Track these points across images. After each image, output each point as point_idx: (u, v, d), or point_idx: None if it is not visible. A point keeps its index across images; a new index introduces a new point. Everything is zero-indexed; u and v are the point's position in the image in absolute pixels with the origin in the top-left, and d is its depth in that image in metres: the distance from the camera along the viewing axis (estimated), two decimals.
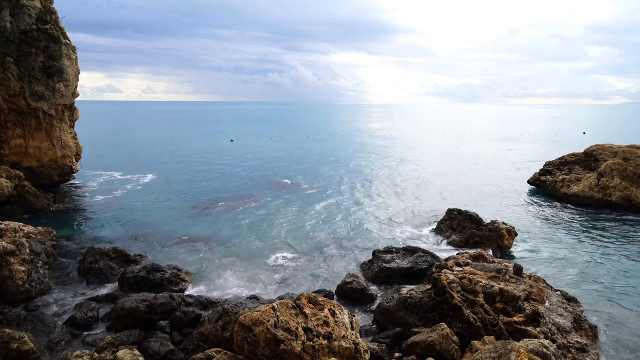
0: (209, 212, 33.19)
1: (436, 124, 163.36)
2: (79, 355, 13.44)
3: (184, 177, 47.18)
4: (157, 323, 16.34)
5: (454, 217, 27.60)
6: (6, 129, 34.69)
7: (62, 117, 37.62)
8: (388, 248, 23.66)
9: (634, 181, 34.00)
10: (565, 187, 37.24)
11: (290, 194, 39.69)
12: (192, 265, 22.63)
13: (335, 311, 12.70)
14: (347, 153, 70.47)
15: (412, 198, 38.54)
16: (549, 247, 25.93)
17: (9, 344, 13.65)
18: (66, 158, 38.21)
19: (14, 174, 33.06)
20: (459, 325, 14.63)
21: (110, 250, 22.53)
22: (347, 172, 51.77)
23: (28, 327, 16.39)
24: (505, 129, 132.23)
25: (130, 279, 19.96)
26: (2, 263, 18.58)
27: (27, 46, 33.98)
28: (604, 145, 40.68)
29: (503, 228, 25.45)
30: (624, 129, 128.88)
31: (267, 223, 30.31)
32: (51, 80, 35.25)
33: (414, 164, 58.88)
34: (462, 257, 19.21)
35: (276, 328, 11.51)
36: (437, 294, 15.79)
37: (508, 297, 15.27)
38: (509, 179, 47.48)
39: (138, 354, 13.12)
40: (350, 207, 34.93)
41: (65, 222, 29.73)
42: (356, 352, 11.89)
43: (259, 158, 63.60)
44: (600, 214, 32.74)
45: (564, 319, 15.31)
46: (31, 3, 34.90)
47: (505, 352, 11.34)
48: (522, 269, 17.80)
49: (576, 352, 13.82)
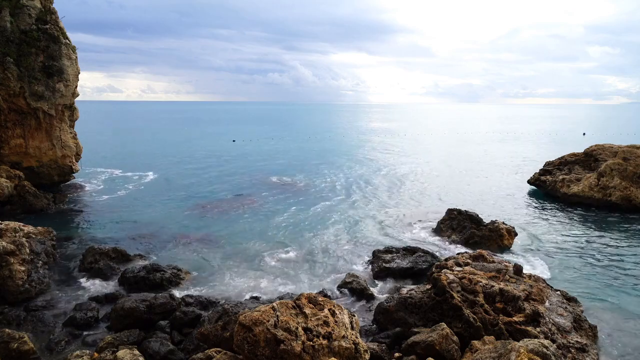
0: (210, 212, 33.20)
1: (436, 124, 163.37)
2: (79, 355, 13.44)
3: (184, 177, 47.18)
4: (157, 323, 16.34)
5: (454, 217, 27.60)
6: (6, 129, 34.68)
7: (62, 117, 37.62)
8: (388, 248, 23.68)
9: (634, 181, 33.99)
10: (565, 187, 37.23)
11: (290, 194, 39.69)
12: (192, 265, 22.63)
13: (335, 311, 12.70)
14: (347, 153, 70.47)
15: (412, 198, 38.54)
16: (549, 247, 25.93)
17: (9, 344, 13.65)
18: (66, 158, 38.21)
19: (14, 174, 33.05)
20: (459, 325, 14.63)
21: (110, 250, 22.54)
22: (348, 172, 51.78)
23: (28, 327, 16.38)
24: (505, 129, 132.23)
25: (130, 279, 19.98)
26: (2, 263, 18.58)
27: (27, 46, 33.98)
28: (604, 145, 40.68)
29: (503, 228, 25.46)
30: (624, 129, 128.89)
31: (268, 223, 30.31)
32: (51, 80, 35.25)
33: (414, 163, 58.86)
34: (462, 257, 19.22)
35: (276, 328, 11.51)
36: (437, 294, 15.79)
37: (508, 297, 15.27)
38: (509, 179, 47.48)
39: (138, 354, 13.12)
40: (350, 207, 34.93)
41: (65, 222, 29.73)
42: (356, 352, 11.89)
43: (259, 158, 63.60)
44: (600, 214, 32.74)
45: (564, 319, 15.31)
46: (31, 3, 34.89)
47: (505, 352, 11.34)
48: (522, 269, 17.80)
49: (576, 352, 13.82)
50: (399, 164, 58.88)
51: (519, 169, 53.84)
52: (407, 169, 53.99)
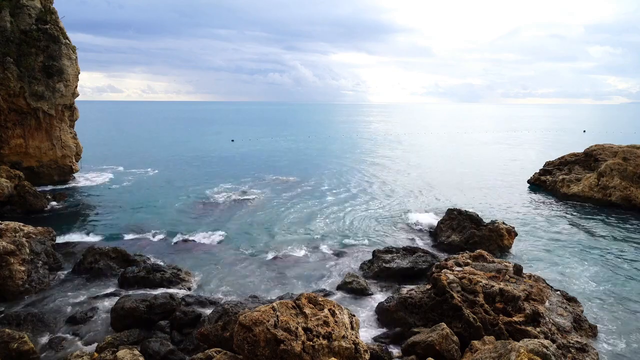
0: (210, 211, 33.20)
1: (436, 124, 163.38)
2: (79, 355, 13.45)
3: (184, 177, 47.17)
4: (157, 323, 16.33)
5: (454, 217, 27.58)
6: (6, 129, 34.69)
7: (62, 117, 37.63)
8: (388, 248, 23.66)
9: (634, 181, 33.99)
10: (565, 187, 37.23)
11: (290, 194, 39.69)
12: (192, 265, 22.62)
13: (335, 311, 12.70)
14: (347, 153, 70.47)
15: (412, 198, 38.54)
16: (549, 247, 25.92)
17: (9, 344, 13.65)
18: (66, 158, 38.22)
19: (14, 174, 33.05)
20: (459, 325, 14.63)
21: (110, 250, 22.52)
22: (348, 172, 51.78)
23: (28, 327, 16.37)
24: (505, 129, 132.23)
25: (130, 279, 19.97)
26: (2, 263, 18.58)
27: (27, 46, 33.98)
28: (604, 145, 40.69)
29: (503, 228, 25.44)
30: (624, 129, 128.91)
31: (267, 223, 30.32)
32: (51, 80, 35.26)
33: (414, 163, 58.87)
34: (462, 257, 19.21)
35: (276, 328, 11.51)
36: (437, 294, 15.79)
37: (508, 297, 15.26)
38: (509, 179, 47.47)
39: (138, 354, 13.12)
40: (350, 207, 34.92)
41: (65, 222, 29.72)
42: (356, 352, 11.89)
43: (259, 158, 63.59)
44: (600, 214, 32.73)
45: (564, 319, 15.30)
46: (31, 3, 34.90)
47: (505, 352, 11.34)
48: (522, 269, 17.80)
49: (576, 352, 13.81)
50: (399, 163, 58.87)
51: (519, 169, 53.82)
52: (407, 169, 54.00)
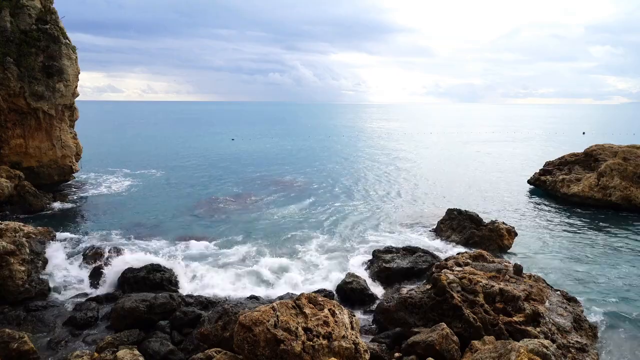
0: (210, 211, 33.19)
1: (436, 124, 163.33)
2: (79, 355, 13.44)
3: (184, 177, 47.15)
4: (157, 323, 16.33)
5: (454, 217, 27.58)
6: (6, 129, 34.67)
7: (62, 117, 37.61)
8: (388, 248, 23.65)
9: (634, 181, 33.98)
10: (565, 187, 37.22)
11: (290, 193, 39.68)
12: (192, 265, 22.61)
13: (335, 311, 12.70)
14: (347, 153, 70.44)
15: (412, 198, 38.54)
16: (549, 247, 25.92)
17: (9, 344, 13.65)
18: (66, 158, 38.21)
19: (14, 174, 33.03)
20: (459, 325, 14.63)
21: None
22: (348, 171, 51.77)
23: (28, 327, 16.38)
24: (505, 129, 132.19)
25: (130, 279, 19.96)
26: (2, 263, 18.57)
27: (27, 46, 33.97)
28: (604, 145, 40.66)
29: (503, 228, 25.44)
30: (624, 129, 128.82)
31: (267, 222, 30.31)
32: (51, 80, 35.23)
33: (414, 163, 58.84)
34: (462, 257, 19.22)
35: (276, 328, 11.51)
36: (437, 294, 15.79)
37: (508, 297, 15.27)
38: (509, 179, 47.45)
39: (138, 354, 13.13)
40: (350, 207, 34.91)
41: (65, 222, 29.72)
42: (356, 352, 11.89)
43: (259, 157, 63.55)
44: (600, 214, 32.72)
45: (564, 319, 15.30)
46: (31, 3, 34.88)
47: (505, 352, 11.34)
48: (522, 269, 17.80)
49: (576, 352, 13.82)
50: (399, 163, 58.85)
51: (518, 169, 53.79)
52: (407, 169, 53.97)
